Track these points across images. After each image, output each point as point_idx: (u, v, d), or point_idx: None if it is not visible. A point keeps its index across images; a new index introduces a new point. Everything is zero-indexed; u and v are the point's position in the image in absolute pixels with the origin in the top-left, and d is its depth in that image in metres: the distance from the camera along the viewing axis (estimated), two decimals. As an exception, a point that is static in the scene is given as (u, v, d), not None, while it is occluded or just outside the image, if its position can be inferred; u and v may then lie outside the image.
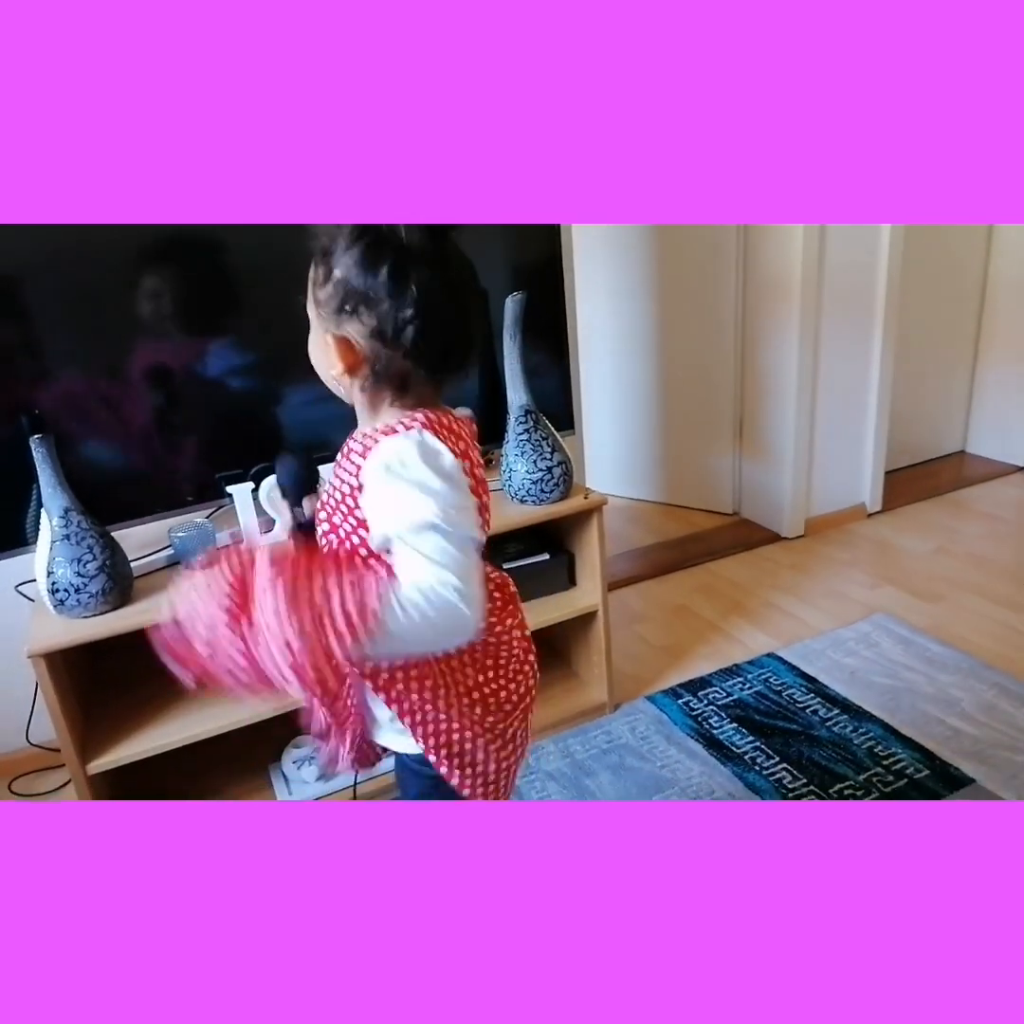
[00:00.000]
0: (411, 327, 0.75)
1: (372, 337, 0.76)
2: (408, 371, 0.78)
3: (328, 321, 0.78)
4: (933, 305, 2.98)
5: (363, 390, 0.81)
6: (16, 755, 1.82)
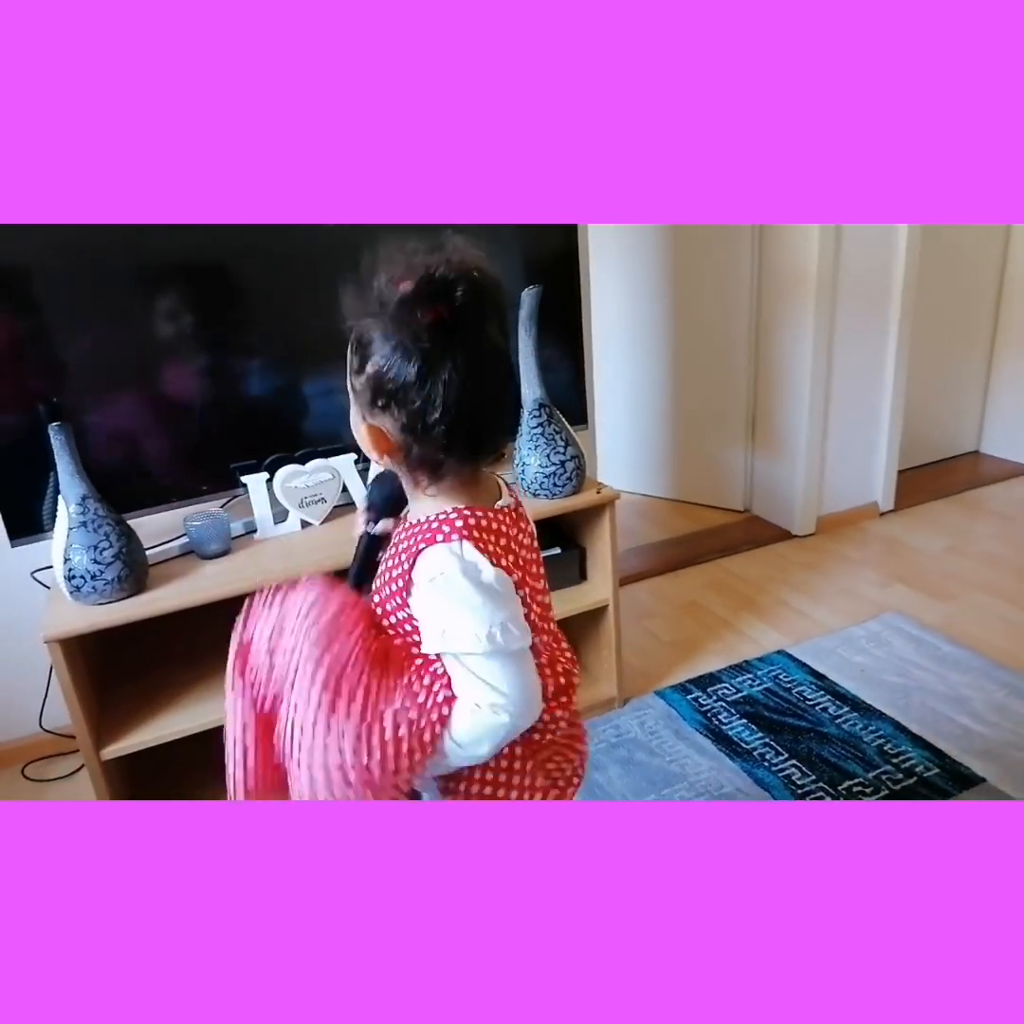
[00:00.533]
0: (442, 424, 0.76)
1: (403, 431, 0.77)
2: (440, 461, 0.79)
3: (363, 408, 0.80)
4: (949, 304, 2.96)
5: (401, 473, 0.83)
6: (29, 740, 1.84)
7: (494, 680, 0.77)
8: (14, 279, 1.39)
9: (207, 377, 1.58)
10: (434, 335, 0.73)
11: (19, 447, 1.43)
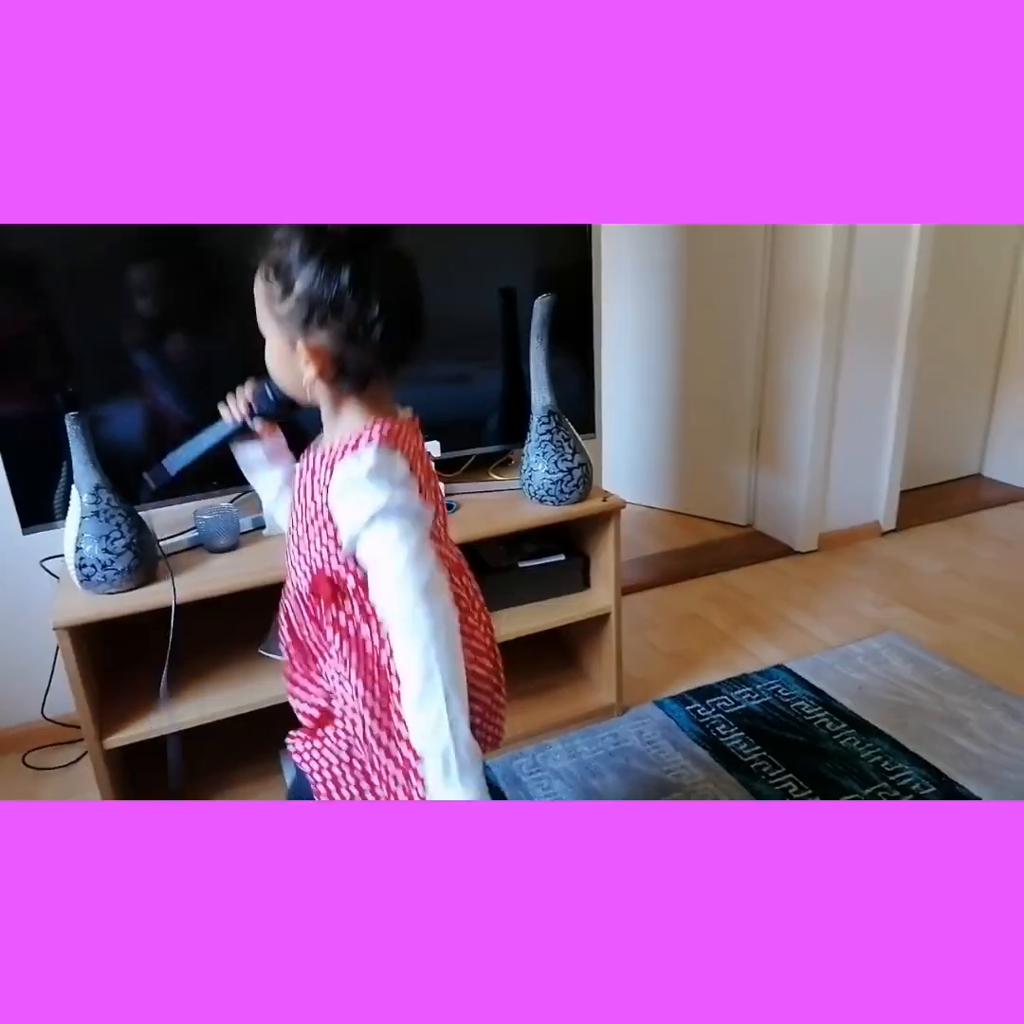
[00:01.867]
0: (379, 325, 0.81)
1: (342, 340, 0.82)
2: (372, 367, 0.85)
3: (294, 332, 0.83)
4: (956, 328, 2.99)
5: (327, 390, 0.87)
6: (31, 728, 1.85)
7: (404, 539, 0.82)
8: (29, 268, 1.41)
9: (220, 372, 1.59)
10: (353, 246, 0.79)
11: (33, 436, 1.45)
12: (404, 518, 0.83)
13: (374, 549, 0.83)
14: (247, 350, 0.94)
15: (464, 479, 1.83)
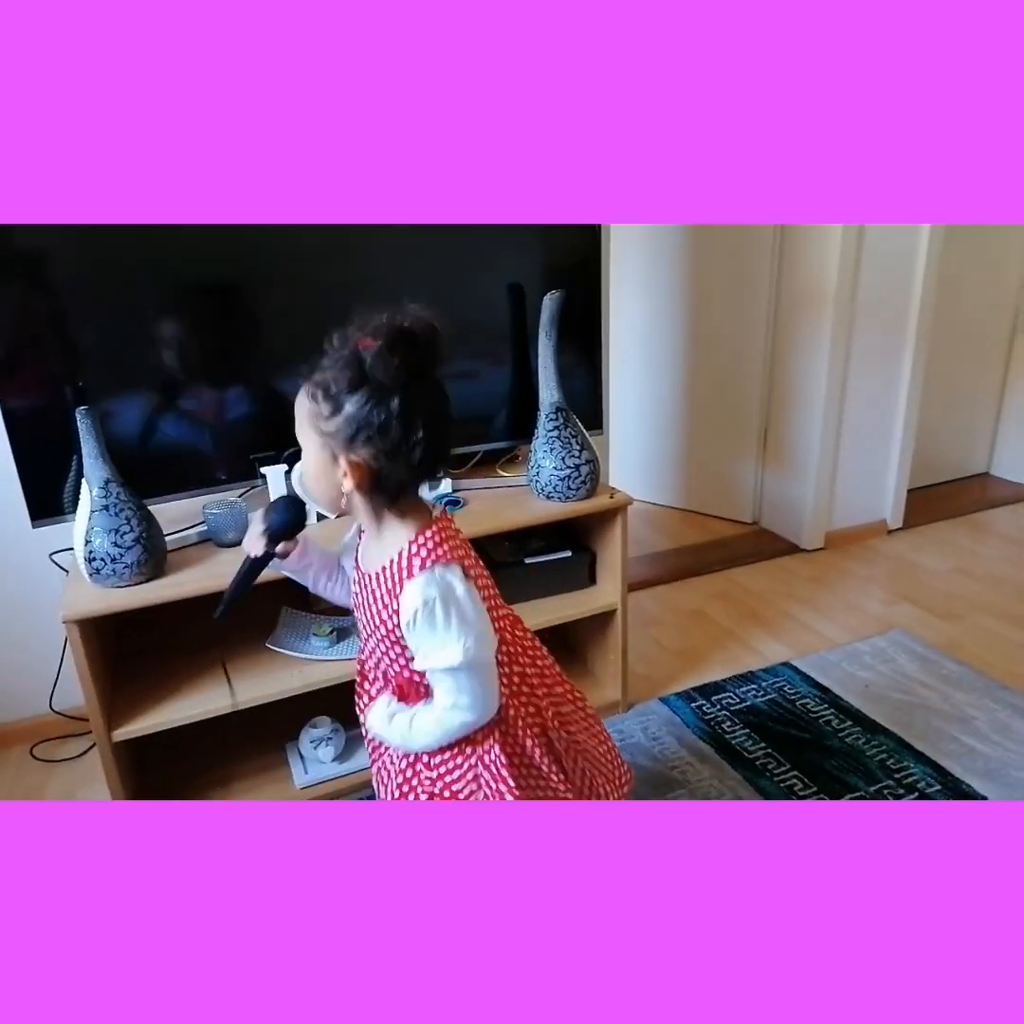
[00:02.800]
0: (419, 447, 0.89)
1: (384, 457, 0.89)
2: (407, 480, 0.93)
3: (337, 447, 0.90)
4: (965, 326, 2.98)
5: (365, 501, 0.95)
6: (39, 721, 1.86)
7: (467, 697, 0.96)
8: (39, 264, 1.41)
9: (229, 368, 1.60)
10: (405, 375, 0.86)
11: (44, 430, 1.45)
12: (468, 673, 0.95)
13: (438, 687, 0.97)
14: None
15: (471, 475, 1.83)
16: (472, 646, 0.94)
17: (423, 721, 1.00)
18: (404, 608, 0.93)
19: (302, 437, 0.94)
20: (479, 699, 0.98)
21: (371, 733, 1.09)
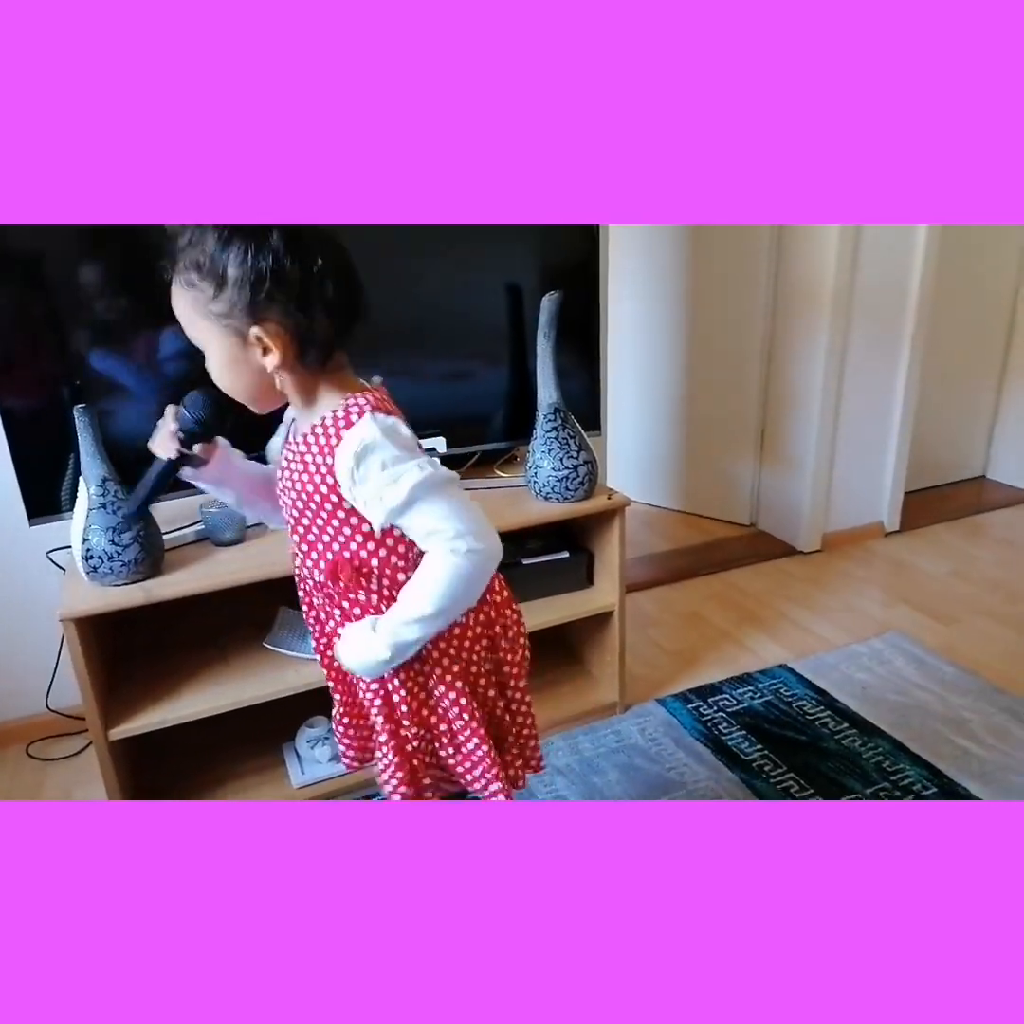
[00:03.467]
0: (327, 281, 0.79)
1: (296, 310, 0.79)
2: (331, 333, 0.82)
3: (241, 323, 0.79)
4: (962, 329, 2.98)
5: (294, 377, 0.84)
6: (35, 719, 1.86)
7: (448, 521, 0.82)
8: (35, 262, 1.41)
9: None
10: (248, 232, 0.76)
11: (41, 428, 1.45)
12: (440, 494, 0.83)
13: (423, 526, 0.83)
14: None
15: (469, 476, 1.83)
16: (428, 465, 0.82)
17: (416, 589, 0.84)
18: (342, 457, 0.81)
19: (197, 334, 0.82)
20: (473, 520, 0.83)
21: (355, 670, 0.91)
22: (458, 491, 0.85)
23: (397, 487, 0.81)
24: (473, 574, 0.84)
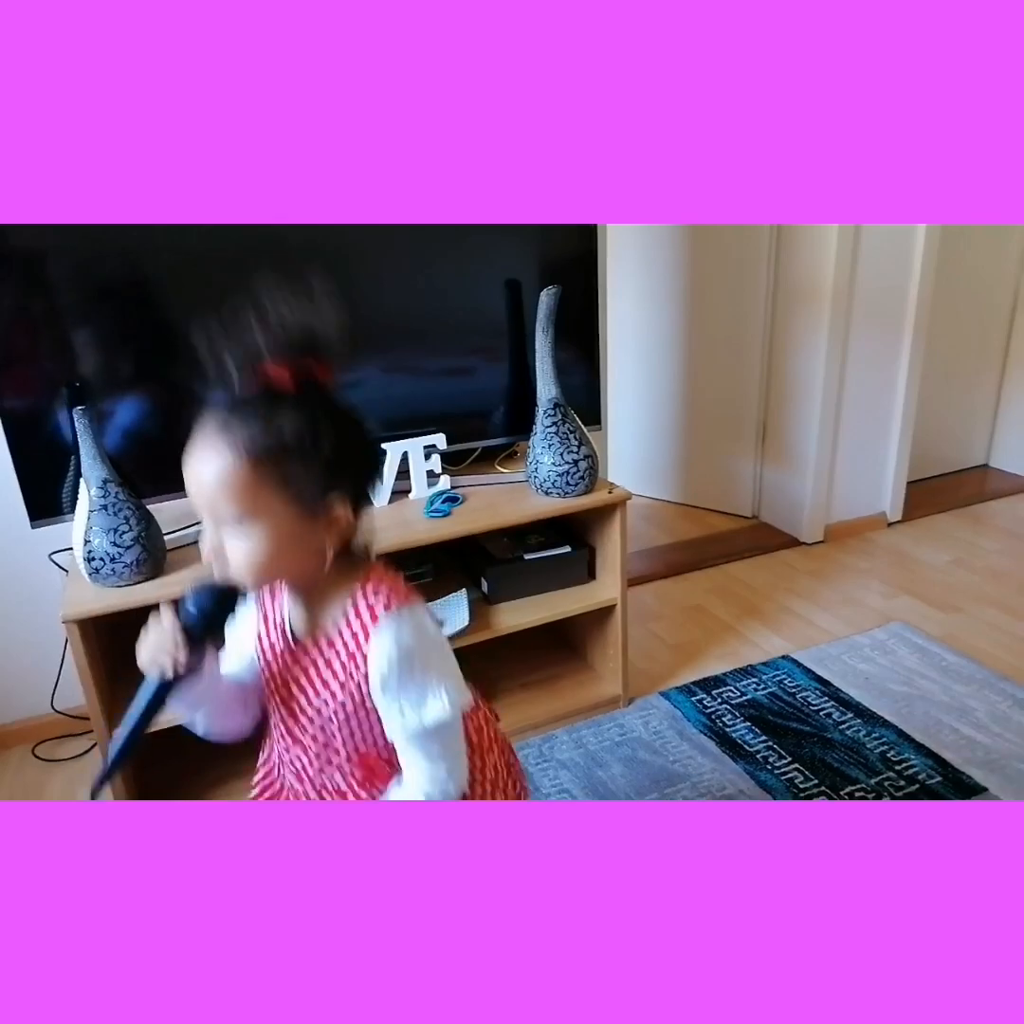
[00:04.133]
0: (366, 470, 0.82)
1: (356, 492, 0.79)
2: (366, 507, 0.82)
3: (317, 493, 0.76)
4: (962, 318, 2.97)
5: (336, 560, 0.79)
6: (41, 720, 1.86)
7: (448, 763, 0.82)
8: (36, 262, 1.41)
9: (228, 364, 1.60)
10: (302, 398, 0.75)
11: (42, 430, 1.46)
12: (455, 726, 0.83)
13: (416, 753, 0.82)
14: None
15: (470, 471, 1.83)
16: (455, 691, 0.81)
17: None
18: (374, 665, 0.78)
19: (252, 513, 0.74)
20: (461, 763, 0.84)
21: None
22: (459, 728, 0.84)
23: (420, 712, 0.80)
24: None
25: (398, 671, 0.78)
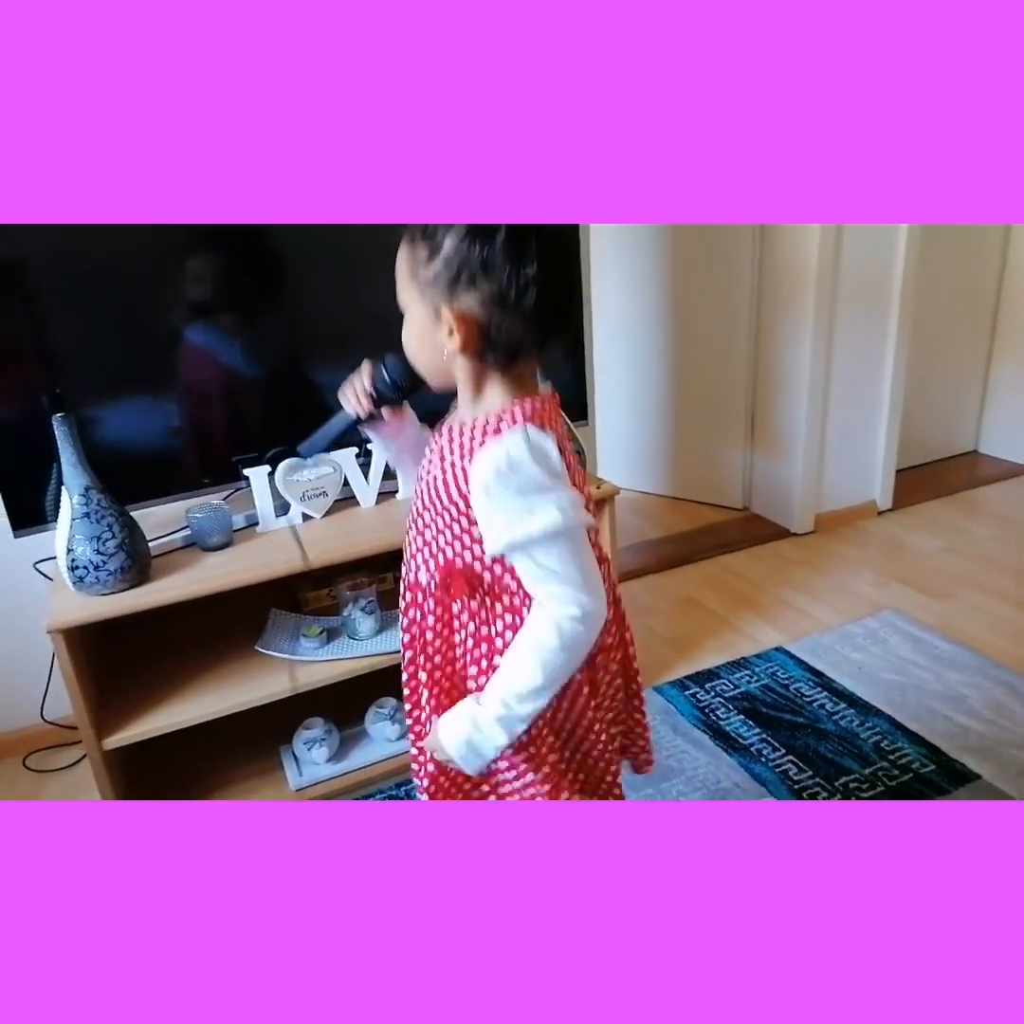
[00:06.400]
0: (532, 288, 0.74)
1: (492, 303, 0.75)
2: (523, 337, 0.78)
3: (439, 297, 0.77)
4: (948, 304, 2.97)
5: (470, 366, 0.80)
6: (31, 731, 1.85)
7: (573, 573, 0.76)
8: (15, 269, 1.40)
9: (209, 370, 1.59)
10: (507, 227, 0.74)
11: (22, 438, 1.44)
12: (568, 542, 0.76)
13: (532, 573, 0.78)
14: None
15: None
16: (570, 507, 0.75)
17: (524, 656, 0.78)
18: (480, 468, 0.77)
19: (402, 294, 0.81)
20: (591, 577, 0.77)
21: (441, 753, 0.85)
22: (586, 543, 0.79)
23: (529, 521, 0.75)
24: (586, 639, 0.78)
25: (499, 483, 0.76)
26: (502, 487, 0.76)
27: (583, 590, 0.77)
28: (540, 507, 0.75)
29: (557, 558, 0.76)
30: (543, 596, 0.78)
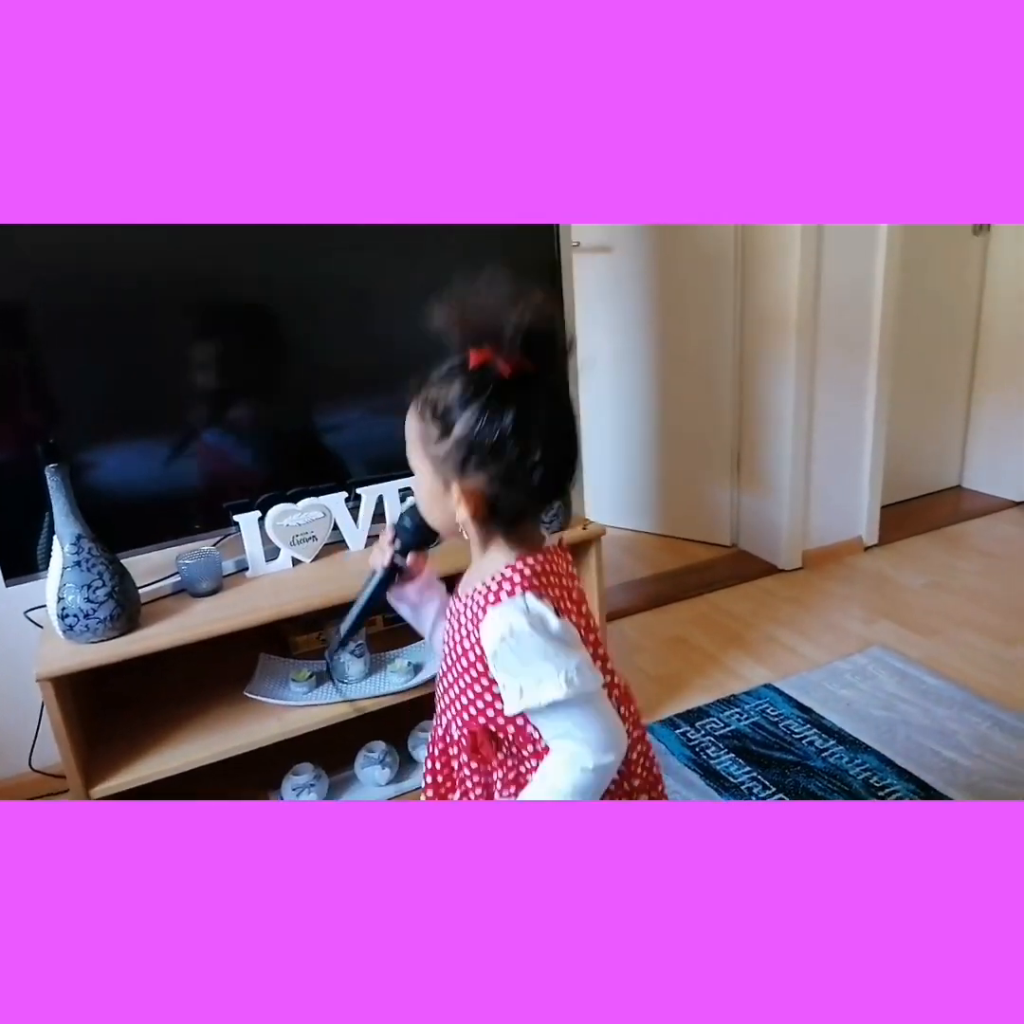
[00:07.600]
0: (539, 468, 0.79)
1: (500, 482, 0.80)
2: (526, 508, 0.85)
3: (448, 474, 0.81)
4: (928, 341, 3.04)
5: (477, 529, 0.85)
6: (19, 780, 1.83)
7: (583, 735, 0.81)
8: (11, 315, 1.42)
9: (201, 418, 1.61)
10: (517, 387, 0.77)
11: (15, 487, 1.46)
12: (579, 707, 0.81)
13: (548, 732, 0.83)
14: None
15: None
16: (575, 676, 0.79)
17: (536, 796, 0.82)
18: (487, 636, 0.82)
19: (413, 460, 0.86)
20: (608, 731, 0.82)
21: None
22: (601, 699, 0.83)
23: (537, 691, 0.80)
24: (599, 786, 0.82)
25: (507, 650, 0.80)
26: (508, 655, 0.81)
27: (600, 747, 0.81)
28: (547, 677, 0.79)
29: (571, 722, 0.81)
30: (561, 746, 0.83)
